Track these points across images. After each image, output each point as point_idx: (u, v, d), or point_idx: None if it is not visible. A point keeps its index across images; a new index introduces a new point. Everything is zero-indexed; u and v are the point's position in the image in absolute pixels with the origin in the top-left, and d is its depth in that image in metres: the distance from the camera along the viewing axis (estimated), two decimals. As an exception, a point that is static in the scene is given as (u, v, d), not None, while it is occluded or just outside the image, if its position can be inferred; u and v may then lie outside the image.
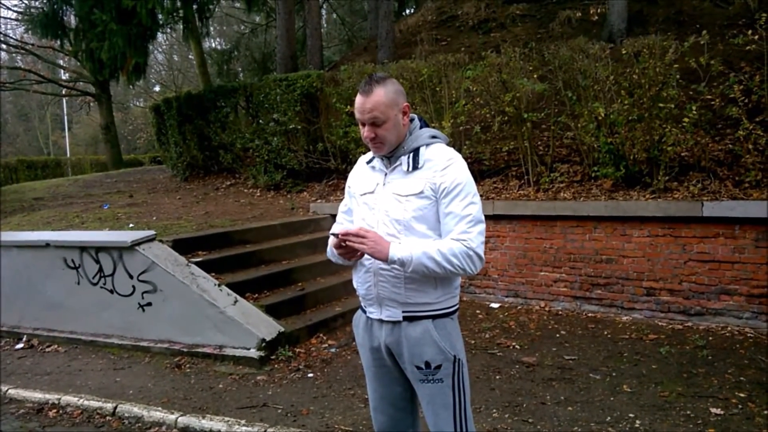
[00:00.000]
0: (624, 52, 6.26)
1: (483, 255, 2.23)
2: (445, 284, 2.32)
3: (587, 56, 6.46)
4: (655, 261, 5.88)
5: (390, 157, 2.37)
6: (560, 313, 6.33)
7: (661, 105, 5.91)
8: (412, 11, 18.72)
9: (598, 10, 10.84)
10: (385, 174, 2.38)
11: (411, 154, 2.33)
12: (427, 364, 2.30)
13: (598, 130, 6.31)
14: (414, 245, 2.19)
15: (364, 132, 2.30)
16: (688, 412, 3.91)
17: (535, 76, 6.89)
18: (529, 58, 7.07)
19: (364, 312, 2.48)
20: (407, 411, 2.51)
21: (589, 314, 6.21)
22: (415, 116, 2.44)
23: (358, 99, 2.29)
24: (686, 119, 5.87)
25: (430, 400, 2.34)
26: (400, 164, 2.34)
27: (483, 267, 6.57)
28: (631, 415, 3.93)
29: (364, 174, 2.49)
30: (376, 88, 2.25)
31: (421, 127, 2.41)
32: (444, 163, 2.29)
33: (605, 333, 5.64)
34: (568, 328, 5.82)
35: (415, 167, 2.31)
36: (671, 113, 5.94)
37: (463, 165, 2.32)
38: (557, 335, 5.65)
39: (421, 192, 2.26)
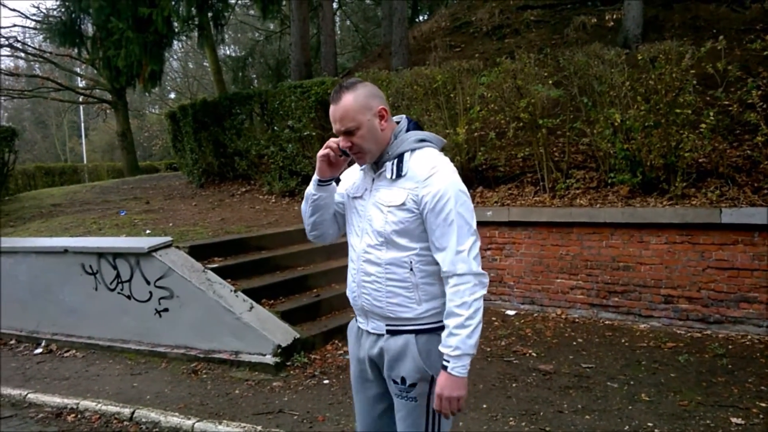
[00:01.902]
0: (640, 57, 6.23)
1: (481, 269, 2.10)
2: (430, 300, 2.18)
3: (603, 62, 6.44)
4: (673, 268, 5.83)
5: (377, 162, 2.24)
6: (577, 320, 6.28)
7: (677, 111, 5.87)
8: (425, 18, 18.76)
9: (614, 16, 10.80)
10: (372, 180, 2.26)
11: (395, 161, 2.18)
12: (403, 380, 2.19)
13: (614, 136, 6.28)
14: (452, 339, 2.05)
15: (341, 142, 2.18)
16: (708, 422, 3.87)
17: (550, 82, 6.87)
18: (544, 63, 7.06)
19: (357, 320, 2.42)
20: (392, 426, 2.37)
21: (607, 322, 6.16)
22: (404, 118, 2.29)
23: (330, 109, 2.18)
24: (703, 125, 5.83)
25: (402, 417, 2.25)
26: (385, 171, 2.20)
27: (498, 274, 6.55)
28: (649, 424, 3.89)
29: (357, 176, 2.36)
30: (345, 95, 2.13)
31: (408, 130, 2.24)
32: (427, 173, 2.11)
33: (623, 341, 5.60)
34: (585, 336, 5.78)
35: (399, 175, 2.16)
36: (688, 119, 5.90)
37: (447, 173, 2.13)
38: (574, 343, 5.61)
39: (403, 204, 2.12)
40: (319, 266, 6.93)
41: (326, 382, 4.97)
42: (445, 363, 2.07)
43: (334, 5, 19.42)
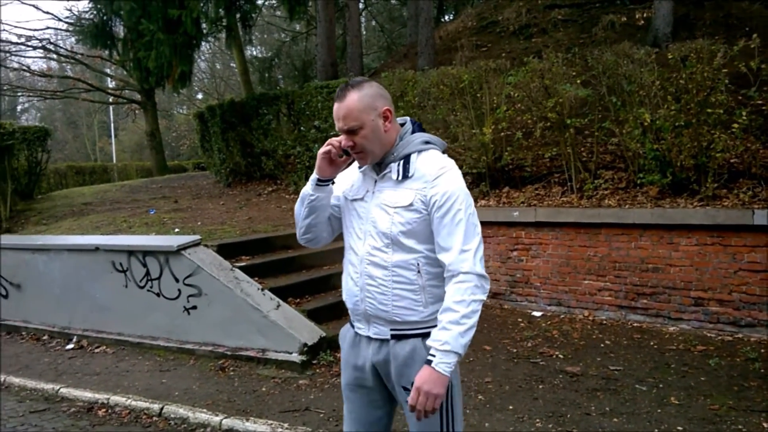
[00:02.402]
0: (670, 56, 6.14)
1: (484, 271, 2.07)
2: (435, 302, 2.14)
3: (632, 61, 6.36)
4: (704, 270, 5.73)
5: (380, 164, 2.20)
6: (605, 322, 6.22)
7: (709, 110, 5.77)
8: (451, 17, 18.71)
9: (644, 14, 10.66)
10: (375, 181, 2.21)
11: (401, 162, 2.15)
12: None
13: (643, 136, 6.20)
14: (442, 334, 1.99)
15: (343, 141, 2.14)
16: (740, 427, 3.80)
17: (578, 81, 6.81)
18: (572, 63, 7.00)
19: (353, 327, 2.33)
20: None
21: (635, 324, 6.09)
22: (408, 119, 2.26)
23: (334, 107, 2.14)
24: (736, 125, 5.72)
25: (416, 423, 2.15)
26: (390, 172, 2.16)
27: (525, 274, 6.51)
28: (679, 428, 3.84)
29: (356, 179, 2.30)
30: (350, 93, 2.09)
31: (413, 132, 2.22)
32: (435, 173, 2.10)
33: (651, 343, 5.52)
34: (613, 338, 5.72)
35: (405, 176, 2.13)
36: (720, 119, 5.79)
37: (456, 174, 2.14)
38: (602, 345, 5.56)
39: (411, 204, 2.10)
40: (344, 266, 6.95)
41: (352, 380, 4.99)
42: (430, 357, 2.00)
43: (360, 6, 19.47)
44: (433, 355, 1.99)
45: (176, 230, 7.74)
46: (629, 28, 10.43)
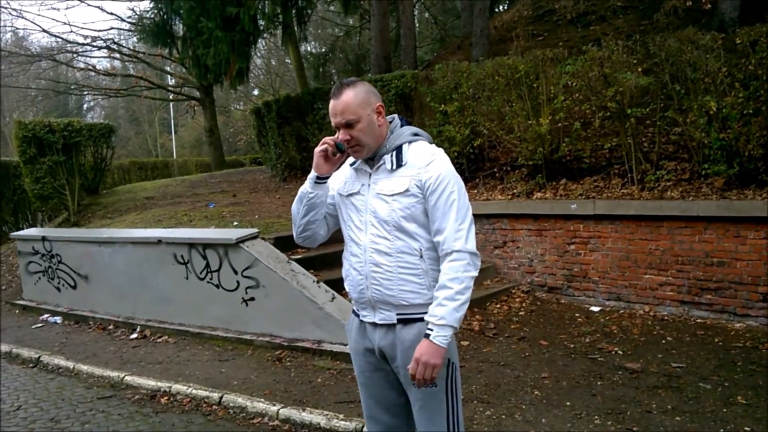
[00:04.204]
0: (738, 41, 5.87)
1: (476, 249, 2.22)
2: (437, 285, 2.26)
3: (697, 47, 6.11)
4: (773, 264, 5.48)
5: (373, 158, 2.34)
6: (666, 318, 6.03)
7: (780, 97, 5.51)
8: (506, 7, 18.42)
9: (709, -2, 10.22)
10: (370, 175, 2.35)
11: (394, 152, 2.30)
12: None
13: (708, 125, 5.96)
14: (439, 309, 2.14)
15: (339, 136, 2.28)
16: (813, 428, 3.63)
17: (639, 69, 6.59)
18: (632, 50, 6.77)
19: (357, 316, 2.44)
20: (402, 417, 2.45)
21: (698, 320, 5.88)
22: (395, 116, 2.42)
23: (330, 104, 2.29)
24: (810, 112, 5.44)
25: (422, 405, 2.31)
26: (384, 163, 2.31)
27: (583, 269, 6.38)
28: (746, 428, 3.69)
29: (348, 175, 2.45)
30: (346, 90, 2.25)
31: (402, 126, 2.38)
32: (428, 159, 2.26)
33: (716, 340, 5.33)
34: (675, 335, 5.54)
35: (399, 165, 2.28)
36: (792, 106, 5.52)
37: (446, 159, 2.29)
38: (663, 341, 5.39)
39: (407, 190, 2.24)
40: (399, 259, 6.96)
41: (406, 373, 5.00)
42: (428, 331, 2.14)
43: (414, -2, 19.37)
44: (431, 329, 2.14)
45: (235, 223, 7.91)
46: (693, 13, 10.02)
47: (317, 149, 2.35)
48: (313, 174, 2.38)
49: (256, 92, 37.41)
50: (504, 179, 7.79)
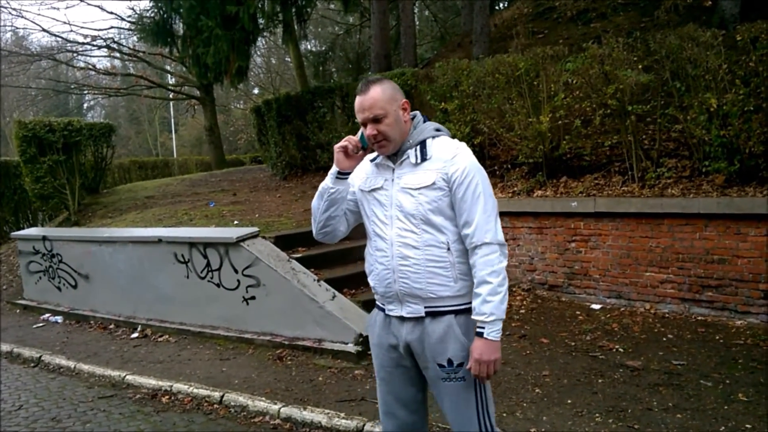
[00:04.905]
0: (739, 38, 5.86)
1: (503, 239, 2.28)
2: (465, 277, 2.32)
3: (697, 44, 6.09)
4: (774, 262, 5.48)
5: (395, 153, 2.38)
6: (667, 315, 6.02)
7: (781, 94, 5.49)
8: (506, 5, 18.39)
9: (710, -5, 10.20)
10: (393, 169, 2.38)
11: (418, 147, 2.34)
12: (450, 362, 2.30)
13: (709, 122, 5.95)
14: (486, 306, 2.21)
15: (367, 131, 2.32)
16: (814, 425, 3.63)
17: (639, 66, 6.57)
18: (633, 48, 6.75)
19: (382, 310, 2.47)
20: (419, 414, 2.50)
21: (699, 317, 5.88)
22: (417, 113, 2.45)
23: (357, 100, 2.34)
24: (811, 109, 5.43)
25: (452, 400, 2.35)
26: (408, 158, 2.35)
27: (583, 266, 6.37)
28: (747, 426, 3.69)
29: (369, 171, 2.49)
30: (373, 87, 2.30)
31: (424, 122, 2.43)
32: (452, 152, 2.31)
33: (717, 338, 5.32)
34: (676, 332, 5.54)
35: (424, 158, 2.32)
36: (793, 103, 5.51)
37: (469, 153, 2.34)
38: (664, 339, 5.39)
39: (433, 183, 2.28)
40: (399, 257, 6.96)
41: (407, 371, 4.99)
42: (479, 330, 2.22)
43: (414, -4, 19.34)
44: (483, 328, 2.21)
45: (235, 222, 7.91)
46: (694, 10, 10.00)
47: (337, 145, 2.39)
48: (334, 169, 2.41)
49: (256, 91, 37.41)
50: (504, 177, 7.78)
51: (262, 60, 36.24)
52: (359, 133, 2.41)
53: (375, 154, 2.46)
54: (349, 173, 2.42)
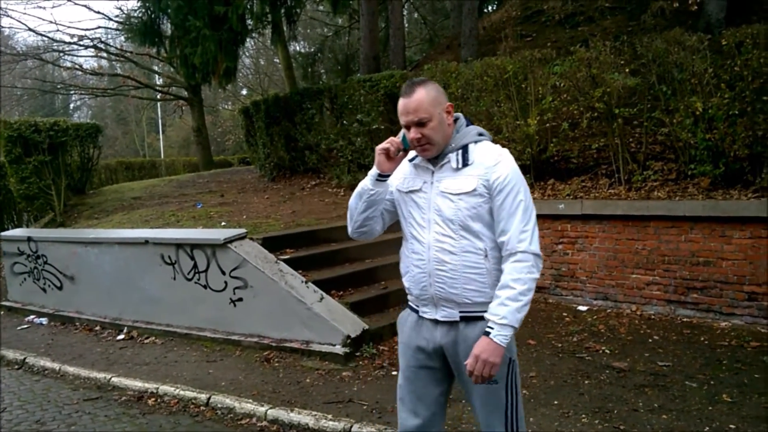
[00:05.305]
0: (724, 42, 5.93)
1: (539, 250, 2.26)
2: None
3: (683, 48, 6.16)
4: (758, 264, 5.54)
5: (436, 156, 2.35)
6: (653, 317, 6.07)
7: (765, 98, 5.56)
8: (495, 8, 18.47)
9: (697, 0, 10.30)
10: (432, 172, 2.36)
11: (460, 151, 2.32)
12: None
13: (695, 125, 6.01)
14: (501, 309, 2.17)
15: (410, 134, 2.29)
16: (797, 426, 3.67)
17: (626, 70, 6.64)
18: (620, 51, 6.81)
19: (415, 312, 2.47)
20: (439, 415, 2.50)
21: (684, 319, 5.93)
22: (461, 115, 2.42)
23: (401, 102, 2.29)
24: (794, 113, 5.50)
25: (483, 401, 2.35)
26: (449, 161, 2.33)
27: (570, 268, 6.40)
28: (731, 426, 3.73)
29: (407, 171, 2.46)
30: (418, 89, 2.27)
31: (467, 125, 2.40)
32: (495, 159, 2.29)
33: (702, 339, 5.37)
34: (662, 333, 5.58)
35: (465, 164, 2.30)
36: (777, 106, 5.58)
37: (512, 160, 2.33)
38: (650, 340, 5.43)
39: (474, 190, 2.26)
40: (387, 259, 6.96)
41: (394, 373, 4.99)
42: (488, 329, 2.18)
43: (403, -2, 19.37)
44: (492, 328, 2.18)
45: (223, 224, 7.87)
46: (680, 15, 10.09)
47: (379, 147, 2.36)
48: (375, 171, 2.39)
49: (244, 92, 37.27)
50: (492, 179, 7.79)
51: (250, 61, 36.14)
52: (401, 135, 2.38)
53: (413, 153, 2.44)
54: (389, 175, 2.41)
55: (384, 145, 2.35)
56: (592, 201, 6.53)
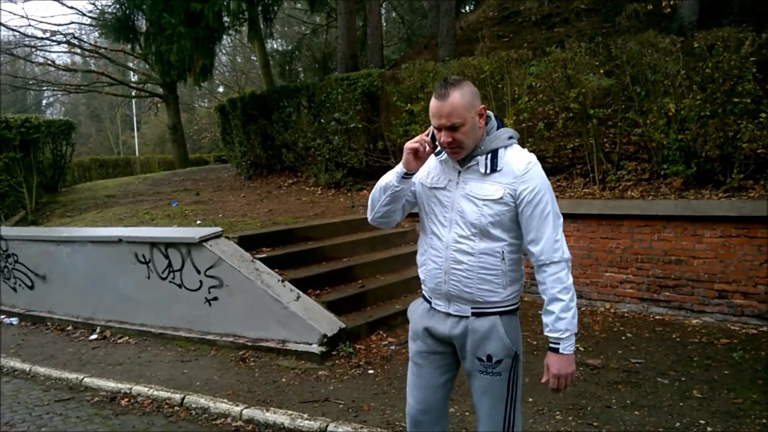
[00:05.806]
0: (696, 45, 6.03)
1: (569, 254, 2.34)
2: (514, 284, 2.38)
3: (657, 50, 6.25)
4: (728, 263, 5.64)
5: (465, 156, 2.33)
6: (626, 315, 6.15)
7: (735, 100, 5.67)
8: (472, 8, 18.56)
9: (670, 3, 10.46)
10: (459, 172, 2.35)
11: (489, 155, 2.30)
12: (489, 358, 2.36)
13: (668, 126, 6.11)
14: (561, 323, 2.28)
15: (441, 137, 2.25)
16: (764, 421, 3.75)
17: (601, 71, 6.72)
18: (595, 52, 6.90)
19: (428, 302, 2.50)
20: (444, 401, 2.55)
21: (657, 317, 6.02)
22: (492, 115, 2.38)
23: (435, 103, 2.24)
24: (763, 114, 5.62)
25: (485, 391, 2.40)
26: (476, 164, 2.30)
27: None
28: (702, 421, 3.79)
29: (432, 166, 2.44)
30: (453, 92, 2.20)
31: (498, 128, 2.35)
32: (524, 168, 2.26)
33: (674, 336, 5.46)
34: (635, 331, 5.66)
35: (494, 170, 2.28)
36: (747, 108, 5.69)
37: (540, 169, 2.31)
38: (623, 338, 5.50)
39: (501, 198, 2.26)
40: (364, 257, 6.97)
41: (371, 372, 5.00)
42: (554, 345, 2.29)
43: (380, -3, 19.35)
44: (558, 343, 2.29)
45: (198, 222, 7.80)
46: (654, 17, 10.25)
47: (408, 146, 2.31)
48: (401, 169, 2.37)
49: (221, 89, 36.97)
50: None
51: (227, 58, 35.85)
52: (430, 132, 2.34)
53: (439, 148, 2.40)
54: (414, 173, 2.39)
55: (413, 144, 2.30)
56: (567, 200, 6.59)
